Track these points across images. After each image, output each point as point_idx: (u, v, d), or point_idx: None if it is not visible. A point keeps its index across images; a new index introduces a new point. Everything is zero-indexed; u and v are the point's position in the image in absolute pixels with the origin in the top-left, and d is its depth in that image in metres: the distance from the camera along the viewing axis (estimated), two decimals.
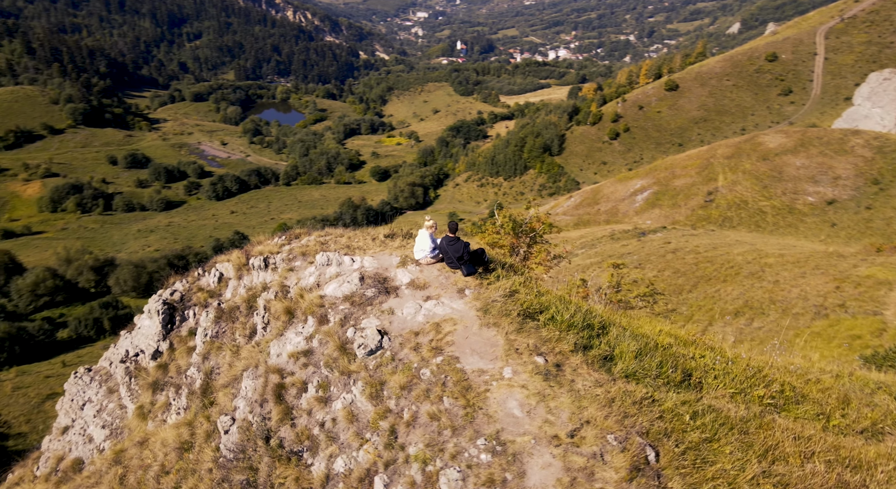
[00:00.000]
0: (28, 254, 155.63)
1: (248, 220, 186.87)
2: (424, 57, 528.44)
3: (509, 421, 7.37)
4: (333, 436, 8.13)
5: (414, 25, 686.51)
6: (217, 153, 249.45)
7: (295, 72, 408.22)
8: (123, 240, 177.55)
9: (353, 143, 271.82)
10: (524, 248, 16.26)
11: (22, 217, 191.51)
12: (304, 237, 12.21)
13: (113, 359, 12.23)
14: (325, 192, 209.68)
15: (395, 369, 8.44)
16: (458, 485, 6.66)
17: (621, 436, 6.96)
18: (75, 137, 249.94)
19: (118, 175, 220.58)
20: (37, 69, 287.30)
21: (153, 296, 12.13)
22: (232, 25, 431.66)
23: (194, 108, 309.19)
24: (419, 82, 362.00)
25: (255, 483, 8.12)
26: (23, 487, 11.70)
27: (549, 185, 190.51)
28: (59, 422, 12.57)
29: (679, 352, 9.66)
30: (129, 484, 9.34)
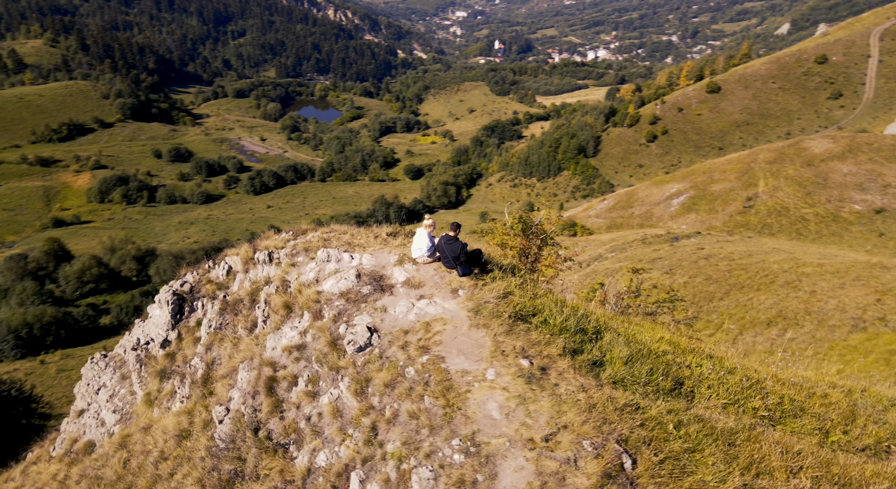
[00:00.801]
0: (76, 242, 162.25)
1: (283, 214, 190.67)
2: (462, 56, 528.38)
3: (487, 422, 7.38)
4: (318, 430, 8.29)
5: (452, 24, 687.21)
6: (256, 148, 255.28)
7: (334, 70, 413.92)
8: (165, 231, 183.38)
9: (388, 141, 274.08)
10: (534, 250, 16.16)
11: (72, 206, 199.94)
12: (311, 233, 12.45)
13: (126, 347, 12.73)
14: (359, 189, 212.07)
15: (382, 367, 8.54)
16: (429, 484, 6.71)
17: (598, 443, 6.88)
18: (123, 131, 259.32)
19: (162, 168, 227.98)
20: (90, 65, 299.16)
21: (164, 286, 12.57)
22: (275, 23, 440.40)
23: (236, 104, 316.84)
24: (455, 81, 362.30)
25: (243, 473, 8.35)
26: (39, 466, 12.29)
27: (582, 187, 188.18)
28: (76, 406, 13.14)
29: (673, 360, 9.47)
30: (131, 468, 9.73)
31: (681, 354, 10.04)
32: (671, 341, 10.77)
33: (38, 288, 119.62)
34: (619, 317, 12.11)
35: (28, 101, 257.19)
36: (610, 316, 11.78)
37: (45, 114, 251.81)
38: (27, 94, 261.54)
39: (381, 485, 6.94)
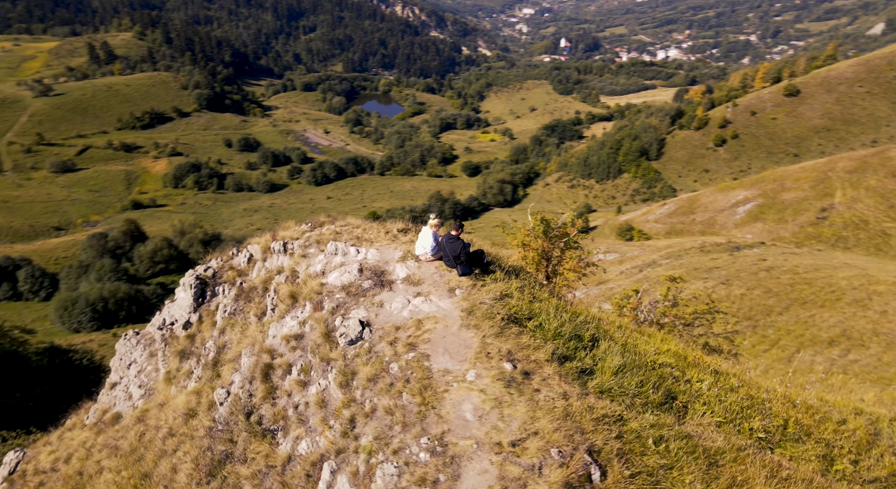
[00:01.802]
0: (151, 224, 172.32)
1: (342, 206, 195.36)
2: (526, 54, 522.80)
3: (458, 423, 7.38)
4: (304, 419, 8.55)
5: (519, 22, 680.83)
6: (320, 141, 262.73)
7: (398, 65, 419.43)
8: (231, 217, 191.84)
9: (447, 138, 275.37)
10: (557, 253, 15.87)
11: (149, 190, 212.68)
12: (327, 225, 12.77)
13: (155, 325, 13.54)
14: (416, 184, 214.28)
15: (368, 361, 8.70)
16: (392, 480, 6.80)
17: (566, 452, 6.76)
18: (199, 120, 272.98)
19: (232, 157, 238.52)
20: (172, 57, 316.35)
21: (189, 271, 13.27)
22: (344, 19, 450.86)
23: (303, 97, 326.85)
24: (518, 79, 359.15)
25: (232, 455, 8.72)
26: (73, 433, 13.30)
27: (643, 191, 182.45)
28: (110, 378, 14.11)
29: (671, 374, 9.13)
30: (144, 441, 10.36)
31: (684, 368, 9.65)
32: (678, 354, 10.36)
33: (114, 265, 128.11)
34: (631, 326, 11.74)
35: (116, 91, 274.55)
36: (621, 324, 11.45)
37: (130, 102, 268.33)
38: (115, 84, 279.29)
39: (349, 478, 7.09)
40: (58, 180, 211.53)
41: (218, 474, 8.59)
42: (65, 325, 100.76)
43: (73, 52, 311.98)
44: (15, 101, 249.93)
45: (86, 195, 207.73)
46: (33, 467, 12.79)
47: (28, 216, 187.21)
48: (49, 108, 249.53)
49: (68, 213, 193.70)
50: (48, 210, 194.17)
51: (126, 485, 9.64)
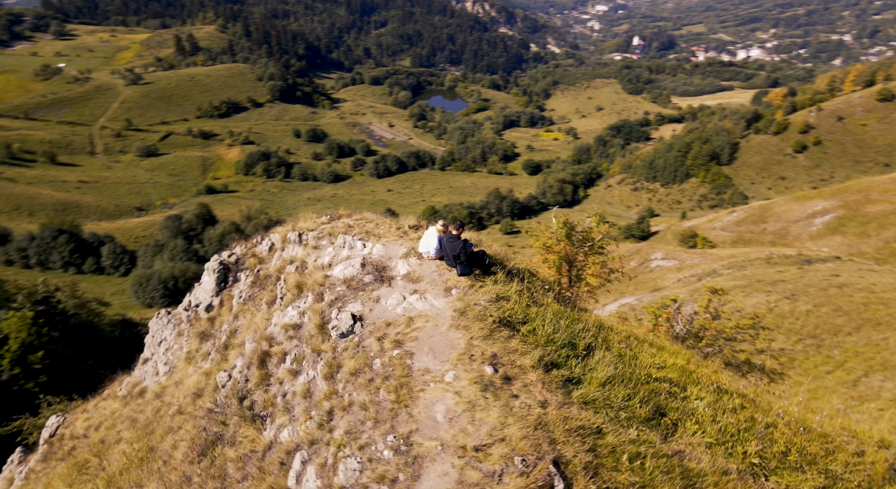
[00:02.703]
0: (221, 209, 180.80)
1: (401, 199, 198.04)
2: (597, 52, 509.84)
3: (428, 423, 7.35)
4: (290, 408, 8.77)
5: (591, 19, 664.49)
6: (384, 134, 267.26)
7: (465, 61, 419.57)
8: (295, 205, 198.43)
9: (510, 135, 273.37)
10: (580, 258, 15.42)
11: (222, 176, 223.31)
12: (345, 218, 13.01)
13: (182, 307, 14.27)
14: (475, 180, 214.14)
15: (355, 355, 8.80)
16: (353, 474, 6.87)
17: (531, 461, 6.61)
18: (271, 111, 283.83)
19: (299, 147, 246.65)
20: (250, 49, 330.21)
21: (215, 255, 13.87)
22: (415, 15, 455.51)
23: (371, 90, 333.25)
24: (586, 78, 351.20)
25: (223, 437, 9.07)
26: (106, 403, 14.26)
27: (711, 197, 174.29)
28: (144, 354, 15.00)
29: (665, 389, 8.70)
30: (158, 416, 10.96)
31: (686, 384, 9.19)
32: (684, 369, 9.87)
33: (186, 246, 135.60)
34: (643, 337, 11.26)
35: (198, 81, 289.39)
36: (630, 334, 11.01)
37: (209, 92, 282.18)
38: (197, 74, 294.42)
39: (317, 469, 7.22)
40: (142, 164, 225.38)
41: (209, 454, 8.97)
42: (139, 300, 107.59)
43: (162, 44, 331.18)
44: (108, 89, 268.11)
45: (166, 179, 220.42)
46: (70, 432, 13.84)
47: (114, 196, 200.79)
48: (138, 95, 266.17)
49: (149, 195, 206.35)
50: (132, 191, 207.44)
51: (134, 456, 10.26)
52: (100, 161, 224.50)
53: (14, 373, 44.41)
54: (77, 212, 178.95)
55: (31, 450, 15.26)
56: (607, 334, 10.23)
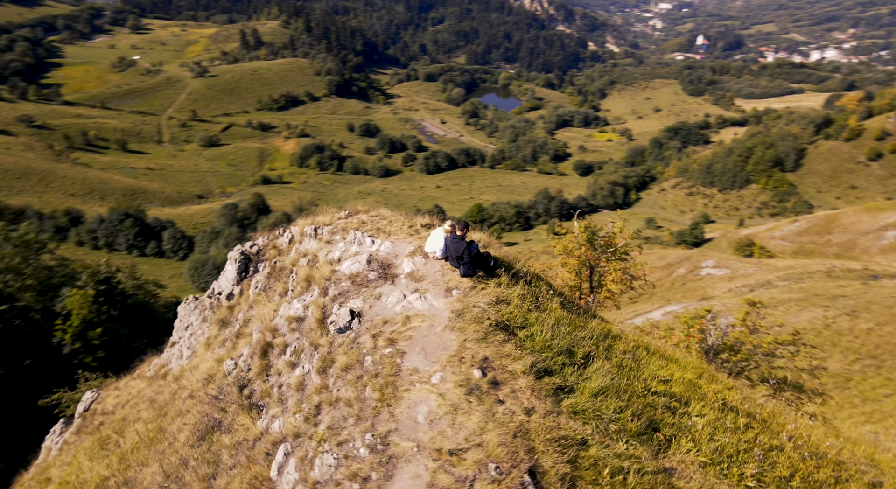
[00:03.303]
0: (275, 199, 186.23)
1: (449, 195, 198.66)
2: (657, 51, 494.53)
3: (408, 424, 7.32)
4: (284, 399, 8.93)
5: (653, 17, 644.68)
6: (435, 130, 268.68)
7: (521, 59, 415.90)
8: (346, 198, 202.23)
9: (562, 135, 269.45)
10: (602, 263, 14.98)
11: (278, 168, 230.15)
12: (362, 214, 13.14)
13: (206, 294, 14.81)
14: (525, 179, 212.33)
15: (348, 351, 8.86)
16: (328, 470, 6.92)
17: (505, 468, 6.49)
18: (327, 105, 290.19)
19: (353, 141, 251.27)
20: (310, 44, 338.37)
21: (237, 246, 14.30)
22: (472, 12, 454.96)
23: (425, 87, 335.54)
24: (645, 78, 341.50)
25: (221, 424, 9.34)
26: (135, 382, 14.98)
27: (771, 204, 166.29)
28: (172, 337, 15.67)
29: (663, 403, 8.34)
30: (173, 399, 11.42)
31: (690, 399, 8.79)
32: (691, 383, 9.43)
33: (240, 234, 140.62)
34: (648, 344, 10.81)
35: (259, 74, 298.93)
36: (640, 343, 10.60)
37: (269, 86, 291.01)
38: (259, 68, 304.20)
39: (297, 462, 7.33)
40: (204, 153, 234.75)
41: (207, 440, 9.27)
42: (194, 284, 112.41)
43: (228, 38, 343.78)
44: (177, 81, 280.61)
45: (225, 168, 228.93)
46: (101, 407, 14.62)
47: (177, 184, 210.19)
48: (203, 88, 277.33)
49: (209, 184, 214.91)
50: (194, 179, 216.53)
51: (146, 436, 10.75)
52: (166, 149, 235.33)
53: (75, 348, 47.20)
54: (143, 197, 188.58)
55: (71, 422, 16.24)
56: (612, 343, 9.92)
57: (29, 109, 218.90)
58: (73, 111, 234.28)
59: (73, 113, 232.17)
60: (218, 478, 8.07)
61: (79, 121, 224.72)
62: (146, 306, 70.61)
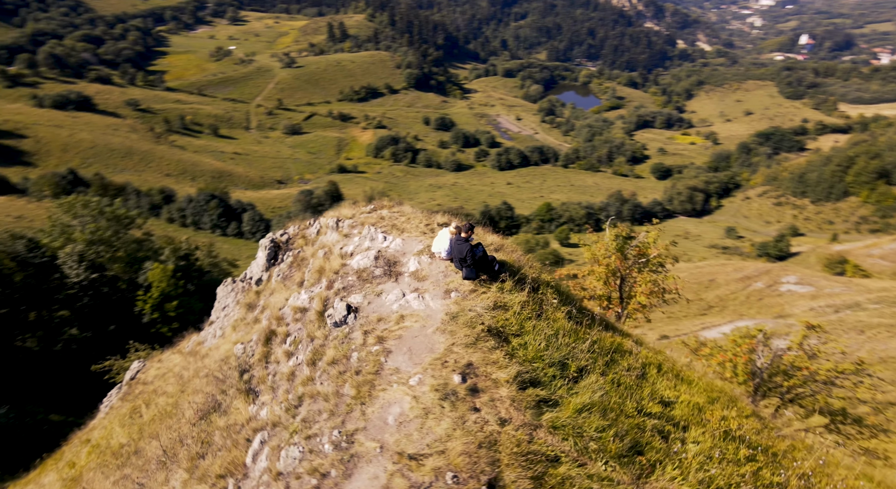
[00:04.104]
0: (348, 188, 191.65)
1: (519, 193, 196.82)
2: (754, 50, 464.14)
3: (377, 424, 7.28)
4: (275, 387, 9.15)
5: (752, 14, 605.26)
6: (510, 127, 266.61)
7: (604, 57, 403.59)
8: (416, 190, 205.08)
9: (641, 136, 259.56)
10: (633, 273, 14.23)
11: (354, 157, 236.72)
12: (385, 209, 13.22)
13: (240, 278, 15.48)
14: (598, 180, 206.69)
15: (339, 345, 8.94)
16: (292, 462, 7.01)
17: (463, 478, 6.34)
18: (405, 98, 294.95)
19: (427, 134, 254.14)
20: (393, 38, 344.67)
21: (269, 233, 14.79)
22: (556, 7, 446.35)
23: (502, 82, 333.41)
24: (737, 78, 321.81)
25: (220, 406, 9.71)
26: (174, 356, 15.92)
27: (872, 220, 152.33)
28: (211, 317, 16.51)
29: (655, 425, 7.84)
30: (194, 376, 12.03)
31: (691, 424, 8.21)
32: (700, 407, 8.79)
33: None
34: (661, 361, 10.14)
35: (342, 66, 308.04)
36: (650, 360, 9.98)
37: (351, 77, 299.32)
38: (343, 60, 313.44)
39: (270, 451, 7.49)
40: (287, 140, 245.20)
41: (206, 420, 9.69)
42: None
43: (317, 31, 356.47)
44: (267, 71, 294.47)
45: (305, 156, 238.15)
46: (143, 377, 15.69)
47: (260, 169, 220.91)
48: (290, 78, 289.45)
49: (289, 170, 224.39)
50: (275, 165, 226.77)
51: (165, 409, 11.41)
52: (252, 136, 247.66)
53: (153, 318, 50.84)
54: (229, 180, 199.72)
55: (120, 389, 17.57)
56: (616, 358, 9.44)
57: (136, 94, 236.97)
58: (174, 97, 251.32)
59: (174, 98, 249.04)
60: (206, 458, 8.42)
61: (178, 106, 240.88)
62: (220, 284, 74.89)
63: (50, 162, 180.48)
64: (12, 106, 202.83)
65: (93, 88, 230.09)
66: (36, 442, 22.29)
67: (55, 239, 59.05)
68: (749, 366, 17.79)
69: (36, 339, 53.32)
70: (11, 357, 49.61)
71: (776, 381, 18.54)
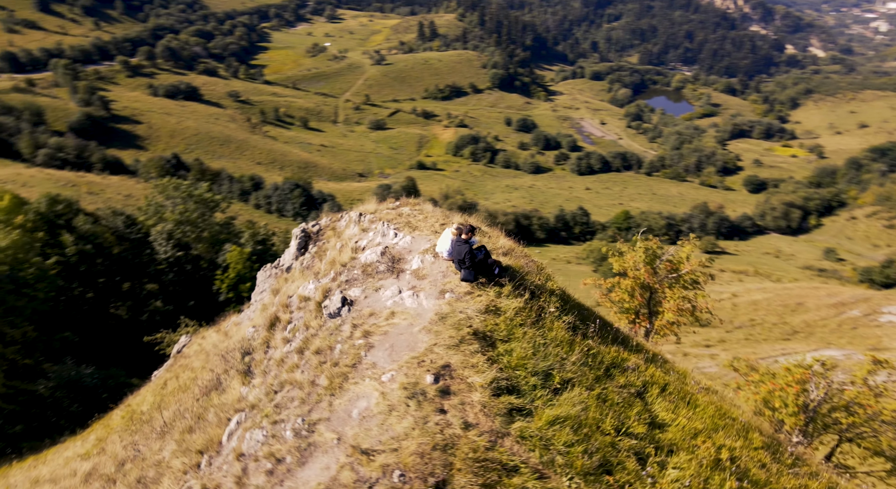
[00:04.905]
0: (426, 185, 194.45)
1: (598, 198, 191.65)
2: (877, 57, 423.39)
3: (341, 416, 7.35)
4: (266, 371, 9.46)
5: (878, 18, 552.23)
6: (593, 131, 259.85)
7: (701, 61, 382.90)
8: (493, 191, 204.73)
9: (736, 146, 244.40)
10: (663, 288, 13.40)
11: (434, 155, 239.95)
12: (407, 206, 13.30)
13: (273, 264, 16.15)
14: (683, 190, 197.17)
15: (327, 336, 9.09)
16: (254, 444, 7.23)
17: (409, 478, 6.31)
18: (488, 98, 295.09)
19: (508, 135, 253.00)
20: (481, 37, 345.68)
21: (302, 223, 15.29)
22: (653, 9, 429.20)
23: (589, 85, 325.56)
24: (853, 88, 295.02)
25: (220, 384, 10.18)
26: (215, 334, 16.87)
27: None
28: (250, 301, 17.36)
29: (633, 447, 7.39)
30: (214, 354, 12.71)
31: (678, 449, 7.69)
32: (695, 432, 8.18)
33: None
34: (665, 380, 9.45)
35: (429, 64, 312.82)
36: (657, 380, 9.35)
37: (437, 76, 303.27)
38: (430, 59, 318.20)
39: (242, 432, 7.76)
40: (370, 135, 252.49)
41: (208, 396, 10.20)
42: None
43: (408, 29, 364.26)
44: (357, 67, 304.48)
45: (386, 151, 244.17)
46: (186, 352, 16.78)
47: (344, 161, 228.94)
48: (379, 74, 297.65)
49: (370, 164, 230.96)
50: (358, 159, 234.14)
51: (185, 383, 12.14)
52: (339, 129, 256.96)
53: (228, 297, 54.14)
54: (313, 171, 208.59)
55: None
56: (614, 373, 8.98)
57: (237, 86, 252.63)
58: (271, 90, 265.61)
59: (270, 91, 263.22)
60: (195, 432, 8.89)
61: (273, 98, 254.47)
62: None
63: (158, 146, 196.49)
64: (132, 94, 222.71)
65: (200, 80, 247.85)
66: (112, 402, 24.48)
67: (149, 217, 64.30)
68: (801, 399, 16.35)
69: (126, 308, 58.26)
70: (104, 323, 54.51)
71: (835, 417, 16.90)
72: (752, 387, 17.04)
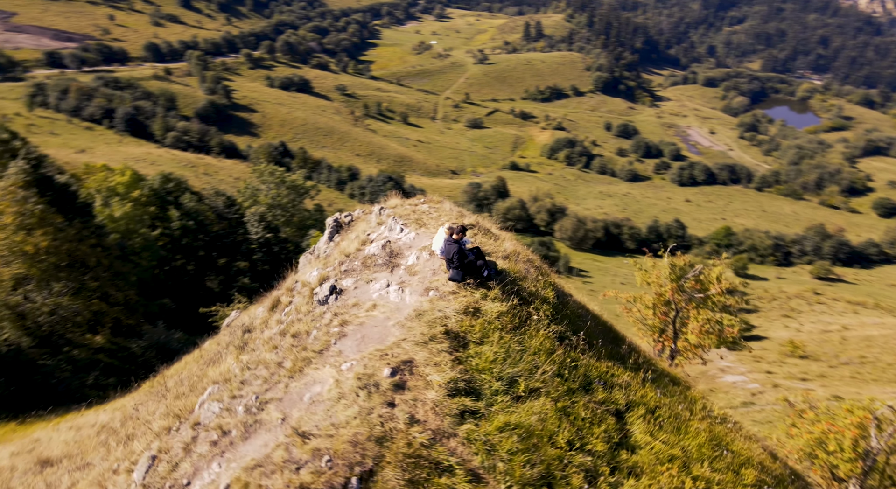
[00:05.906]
0: (516, 186, 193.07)
1: (697, 212, 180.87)
2: None
3: (293, 398, 7.53)
4: (256, 349, 9.86)
5: None
6: (700, 140, 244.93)
7: (835, 69, 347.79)
8: (585, 196, 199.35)
9: (868, 165, 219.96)
10: (689, 308, 12.39)
11: (528, 156, 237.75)
12: (428, 204, 13.29)
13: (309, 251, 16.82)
14: (798, 209, 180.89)
15: (309, 322, 9.31)
16: (209, 415, 7.58)
17: (336, 464, 6.41)
18: (590, 101, 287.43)
19: (606, 140, 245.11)
20: (588, 39, 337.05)
21: (336, 213, 15.76)
22: (783, 11, 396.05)
23: (700, 92, 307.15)
24: None
25: (220, 357, 10.77)
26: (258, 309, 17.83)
27: None
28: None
29: (580, 461, 7.00)
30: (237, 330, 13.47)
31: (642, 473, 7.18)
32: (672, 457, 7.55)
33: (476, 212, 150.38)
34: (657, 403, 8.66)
35: (531, 65, 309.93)
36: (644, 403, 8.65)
37: (539, 77, 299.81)
38: (533, 59, 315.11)
39: (213, 402, 8.18)
40: (467, 133, 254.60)
41: (209, 366, 10.83)
42: None
43: (513, 29, 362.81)
44: (460, 65, 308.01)
45: (481, 150, 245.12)
46: (233, 324, 17.89)
47: (438, 157, 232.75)
48: (480, 73, 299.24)
49: (464, 162, 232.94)
50: (452, 156, 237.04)
51: (207, 353, 12.94)
52: (437, 126, 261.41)
53: None
54: (408, 165, 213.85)
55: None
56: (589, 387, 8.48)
57: (345, 80, 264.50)
58: (376, 85, 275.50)
59: (375, 86, 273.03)
60: (180, 399, 9.53)
61: (377, 93, 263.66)
62: None
63: (269, 134, 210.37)
64: (251, 84, 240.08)
65: (312, 73, 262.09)
66: None
67: (246, 199, 69.17)
68: (860, 444, 14.51)
69: (218, 282, 63.07)
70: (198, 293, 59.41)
71: None
72: (806, 425, 15.42)
